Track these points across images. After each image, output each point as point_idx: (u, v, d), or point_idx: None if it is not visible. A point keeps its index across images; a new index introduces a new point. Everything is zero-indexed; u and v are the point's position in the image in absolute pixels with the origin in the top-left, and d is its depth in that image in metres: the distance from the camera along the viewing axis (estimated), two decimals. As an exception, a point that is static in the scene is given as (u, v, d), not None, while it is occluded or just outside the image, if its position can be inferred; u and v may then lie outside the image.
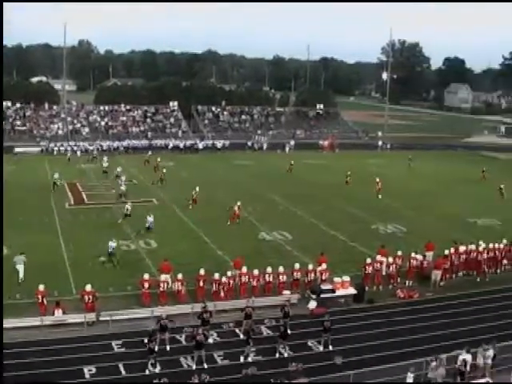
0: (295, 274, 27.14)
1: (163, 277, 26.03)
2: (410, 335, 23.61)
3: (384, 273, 28.60)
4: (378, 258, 28.93)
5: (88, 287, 24.22)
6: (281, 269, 26.93)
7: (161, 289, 25.20)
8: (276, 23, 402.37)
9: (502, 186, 50.48)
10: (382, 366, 19.63)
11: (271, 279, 26.65)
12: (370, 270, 28.15)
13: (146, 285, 25.08)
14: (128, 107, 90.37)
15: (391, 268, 28.68)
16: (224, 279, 25.91)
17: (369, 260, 28.45)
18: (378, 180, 48.88)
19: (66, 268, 29.17)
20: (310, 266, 27.73)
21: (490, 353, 20.30)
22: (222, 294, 25.60)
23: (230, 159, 68.95)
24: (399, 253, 29.44)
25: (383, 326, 24.29)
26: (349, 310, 25.93)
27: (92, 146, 72.36)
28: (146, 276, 25.40)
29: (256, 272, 26.49)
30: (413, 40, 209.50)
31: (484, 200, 49.09)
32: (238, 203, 40.05)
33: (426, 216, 42.88)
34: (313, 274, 27.46)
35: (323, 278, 27.31)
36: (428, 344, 22.62)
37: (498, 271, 31.26)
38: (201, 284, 25.58)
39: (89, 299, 23.93)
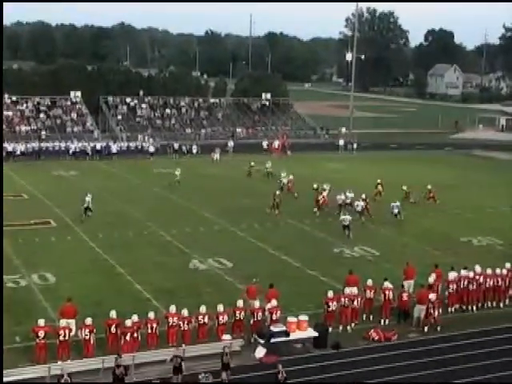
0: (237, 313, 27.15)
1: (64, 322, 25.63)
2: (387, 389, 23.90)
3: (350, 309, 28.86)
4: (348, 290, 29.14)
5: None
6: (220, 307, 26.88)
7: (61, 338, 24.80)
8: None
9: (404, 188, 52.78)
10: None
11: (206, 321, 26.56)
12: (333, 306, 28.38)
13: (42, 333, 24.65)
14: (14, 98, 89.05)
15: (355, 302, 28.92)
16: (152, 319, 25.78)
17: (331, 293, 28.67)
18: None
19: None
20: (257, 303, 27.78)
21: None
22: (129, 342, 25.30)
23: (150, 166, 68.97)
24: (369, 282, 29.82)
25: (353, 378, 24.46)
26: (308, 358, 26.01)
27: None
28: (41, 322, 24.95)
29: (186, 312, 26.37)
30: (386, 8, 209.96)
31: (481, 215, 50.41)
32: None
33: (403, 235, 43.65)
34: (260, 313, 27.52)
35: (274, 317, 27.38)
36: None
37: (502, 304, 31.87)
38: (112, 330, 25.32)
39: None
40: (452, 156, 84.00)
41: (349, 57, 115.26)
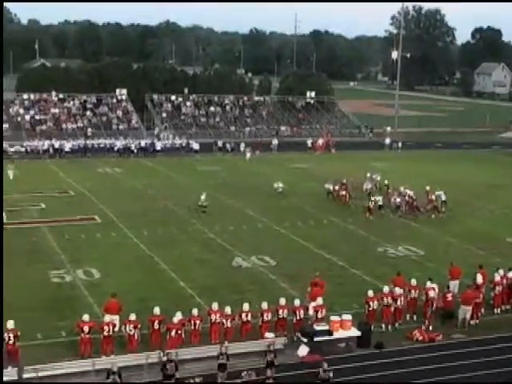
0: (281, 311, 27.10)
1: (108, 318, 25.83)
2: (432, 390, 23.66)
3: (392, 308, 28.61)
4: (387, 288, 28.90)
5: (10, 324, 24.14)
6: (264, 305, 26.85)
7: (105, 333, 25.01)
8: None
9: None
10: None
11: (249, 318, 26.55)
12: (374, 305, 28.18)
13: (86, 328, 24.87)
14: (61, 96, 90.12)
15: (399, 301, 28.65)
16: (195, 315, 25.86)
17: (371, 293, 28.47)
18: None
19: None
20: (297, 302, 27.69)
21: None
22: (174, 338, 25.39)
23: (194, 164, 69.28)
24: (413, 282, 29.53)
25: (397, 379, 24.27)
26: (351, 358, 25.87)
27: (13, 148, 72.00)
28: (86, 317, 25.19)
29: (228, 310, 26.38)
30: (432, 6, 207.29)
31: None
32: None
33: (449, 235, 43.22)
34: (302, 311, 27.42)
35: (319, 315, 27.28)
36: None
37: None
38: (155, 327, 25.43)
39: (9, 339, 23.79)
40: (500, 155, 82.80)
41: (394, 55, 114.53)
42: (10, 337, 23.82)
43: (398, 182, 53.16)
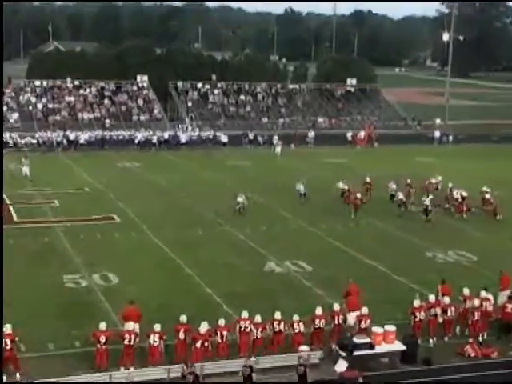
0: (317, 321, 27.11)
1: (130, 325, 25.86)
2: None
3: (441, 320, 28.48)
4: (431, 297, 28.79)
5: (7, 328, 24.46)
6: (295, 317, 26.82)
7: (125, 342, 25.14)
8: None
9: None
10: None
11: (282, 328, 26.58)
12: (421, 316, 28.06)
13: (103, 339, 25.05)
14: (76, 83, 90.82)
15: (449, 312, 28.50)
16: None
17: (417, 302, 28.35)
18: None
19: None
20: (336, 306, 27.70)
21: None
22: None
23: (222, 158, 69.51)
24: (466, 291, 29.34)
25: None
26: (395, 375, 25.74)
27: (24, 139, 72.70)
28: (103, 326, 25.39)
29: (259, 319, 26.43)
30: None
31: None
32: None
33: (502, 238, 42.89)
34: (341, 316, 27.47)
35: (363, 325, 27.26)
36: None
37: None
38: (181, 336, 25.54)
39: (6, 344, 24.06)
40: None
41: (445, 37, 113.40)
42: (6, 342, 24.04)
43: (449, 180, 52.87)
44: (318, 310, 27.34)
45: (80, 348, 26.41)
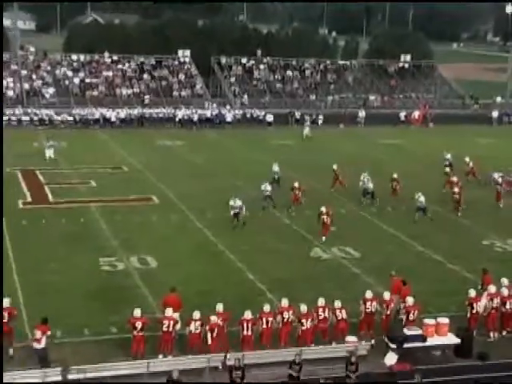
0: (368, 304, 27.02)
1: (169, 311, 25.83)
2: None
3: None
4: (493, 288, 28.44)
5: (6, 302, 24.95)
6: (337, 304, 26.63)
7: (164, 328, 25.20)
8: None
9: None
10: None
11: (327, 315, 26.39)
12: (478, 307, 27.74)
13: (139, 325, 25.13)
14: (115, 57, 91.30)
15: (508, 305, 28.11)
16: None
17: (473, 292, 28.06)
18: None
19: (18, 302, 29.36)
20: (387, 294, 27.50)
21: None
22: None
23: (267, 138, 69.36)
24: (505, 281, 28.88)
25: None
26: (449, 369, 25.51)
27: (59, 116, 73.28)
28: (138, 312, 25.45)
29: (305, 308, 26.30)
30: None
31: None
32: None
33: None
34: (392, 305, 27.33)
35: (411, 317, 27.05)
36: None
37: None
38: (220, 325, 25.52)
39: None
40: None
41: (509, 9, 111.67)
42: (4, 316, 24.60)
43: (507, 163, 52.32)
44: (369, 293, 27.23)
45: (116, 334, 26.57)
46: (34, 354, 24.03)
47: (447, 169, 51.56)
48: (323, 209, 38.57)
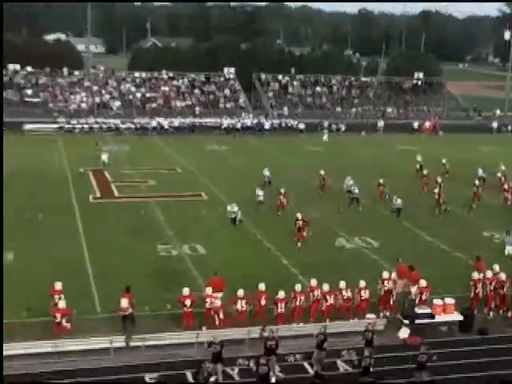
0: (386, 282, 27.12)
1: (209, 290, 26.00)
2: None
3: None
4: (489, 273, 28.21)
5: (58, 285, 25.32)
6: (362, 283, 26.76)
7: (207, 305, 25.42)
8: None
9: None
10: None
11: (350, 294, 26.48)
12: (480, 288, 27.66)
13: (188, 302, 25.36)
14: (171, 74, 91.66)
15: (505, 289, 27.89)
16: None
17: (476, 275, 27.96)
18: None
19: (89, 282, 29.84)
20: (394, 275, 27.70)
21: None
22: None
23: (301, 144, 69.34)
24: (496, 267, 28.64)
25: (500, 368, 23.57)
26: (453, 342, 25.56)
27: (124, 125, 73.99)
28: (186, 291, 25.68)
29: (327, 287, 26.40)
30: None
31: None
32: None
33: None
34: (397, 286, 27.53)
35: (423, 297, 27.03)
36: None
37: None
38: (262, 303, 25.69)
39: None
40: None
41: (507, 36, 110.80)
42: (55, 298, 24.91)
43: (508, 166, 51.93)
44: (386, 274, 27.50)
45: (170, 310, 26.82)
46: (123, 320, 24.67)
47: (476, 181, 48.81)
48: (299, 215, 36.67)
